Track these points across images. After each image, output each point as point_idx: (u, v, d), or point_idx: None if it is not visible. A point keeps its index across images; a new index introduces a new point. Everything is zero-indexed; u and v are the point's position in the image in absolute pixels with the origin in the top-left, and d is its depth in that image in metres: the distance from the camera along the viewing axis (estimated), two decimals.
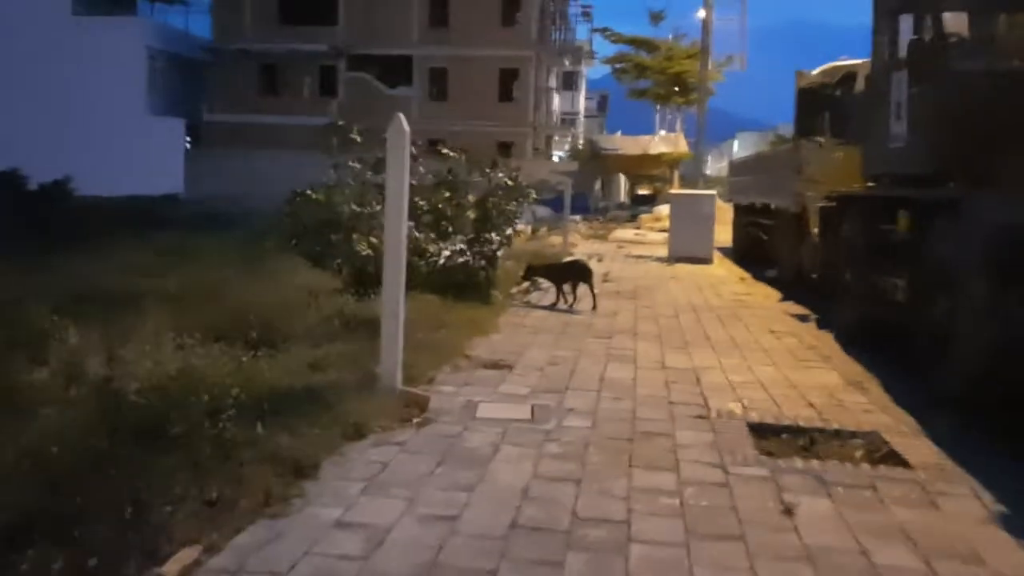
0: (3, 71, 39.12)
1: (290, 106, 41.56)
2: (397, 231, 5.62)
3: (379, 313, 5.84)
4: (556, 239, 20.16)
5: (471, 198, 9.08)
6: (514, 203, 9.59)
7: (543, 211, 28.37)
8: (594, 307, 10.10)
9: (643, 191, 41.99)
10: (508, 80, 42.26)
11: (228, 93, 42.69)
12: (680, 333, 8.99)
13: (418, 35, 42.60)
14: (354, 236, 7.85)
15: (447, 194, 8.98)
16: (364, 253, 7.75)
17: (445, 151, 9.31)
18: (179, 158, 39.05)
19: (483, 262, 9.24)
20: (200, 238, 15.70)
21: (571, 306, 10.23)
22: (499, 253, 9.53)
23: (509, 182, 9.43)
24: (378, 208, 7.86)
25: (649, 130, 49.12)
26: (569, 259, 11.94)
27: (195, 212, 24.01)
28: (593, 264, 15.10)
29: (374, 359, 5.79)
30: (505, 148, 41.02)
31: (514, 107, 42.17)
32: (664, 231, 23.96)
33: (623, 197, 38.81)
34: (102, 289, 8.43)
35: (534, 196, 9.87)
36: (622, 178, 39.69)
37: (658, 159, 37.46)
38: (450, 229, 8.84)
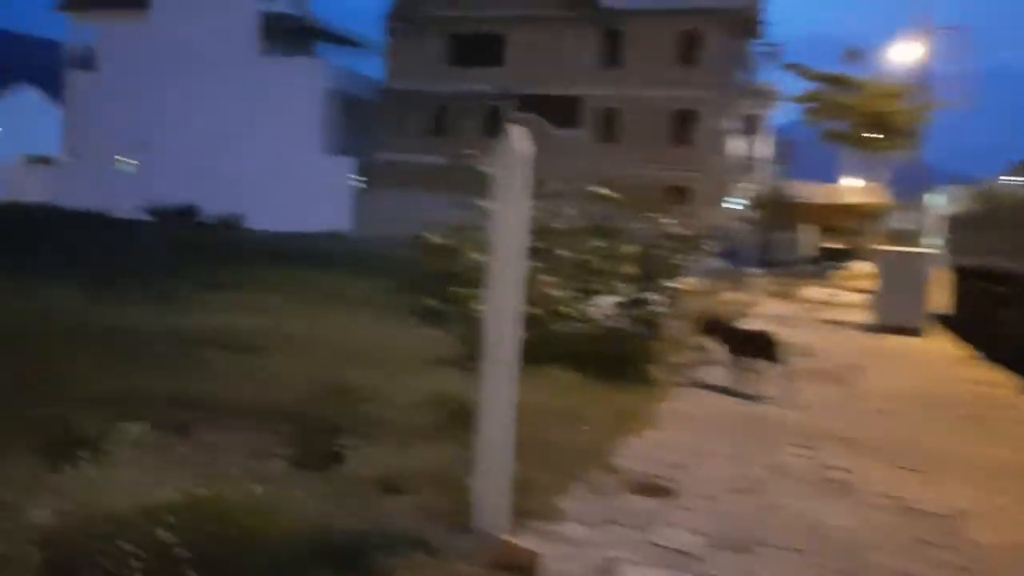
0: (193, 107, 40.88)
1: (456, 147, 40.88)
2: (507, 290, 3.69)
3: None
4: (733, 296, 17.70)
5: (629, 248, 7.03)
6: (682, 255, 7.45)
7: (717, 263, 25.84)
8: (786, 394, 7.75)
9: (832, 245, 38.36)
10: (684, 122, 39.93)
11: (397, 133, 42.71)
12: (911, 443, 6.53)
13: (589, 75, 41.09)
14: (473, 292, 5.97)
15: (598, 243, 6.98)
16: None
17: (601, 191, 7.33)
18: (347, 196, 39.26)
19: (642, 327, 7.14)
20: (340, 278, 14.57)
21: (754, 389, 7.93)
22: (662, 316, 7.41)
23: (680, 230, 7.32)
24: None
25: (834, 180, 45.25)
26: (752, 328, 9.58)
27: (354, 251, 23.28)
28: (778, 329, 12.64)
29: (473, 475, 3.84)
30: (678, 193, 38.62)
31: (689, 150, 39.71)
32: (861, 291, 20.94)
33: (808, 250, 35.44)
34: (190, 331, 7.60)
35: (708, 247, 7.71)
36: (808, 230, 36.34)
37: (852, 210, 33.94)
38: (601, 286, 6.82)
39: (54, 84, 50.15)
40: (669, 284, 7.52)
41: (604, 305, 6.84)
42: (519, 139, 3.55)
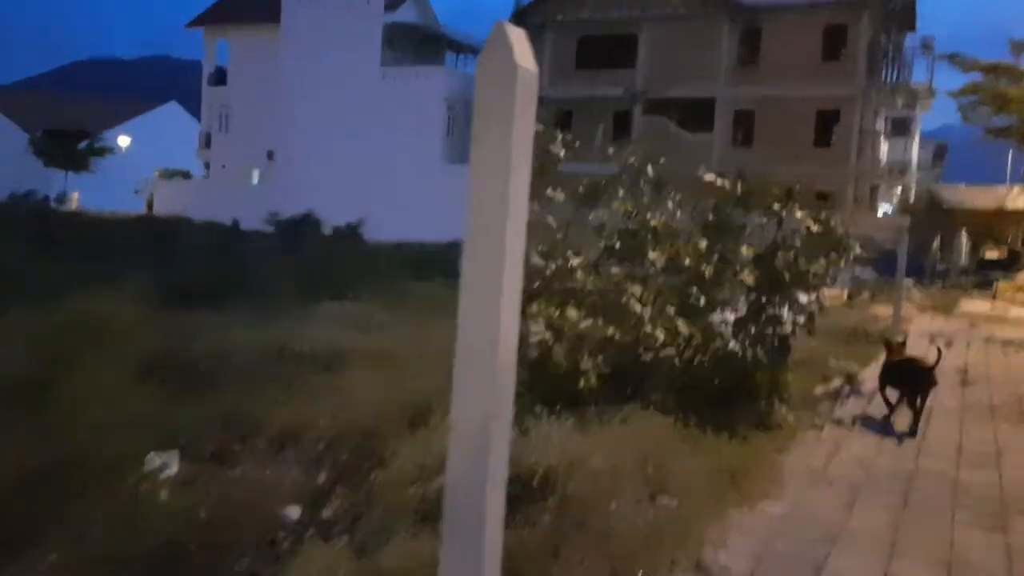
0: (318, 118, 41.17)
1: (583, 153, 39.40)
2: (489, 289, 2.20)
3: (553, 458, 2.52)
4: (882, 310, 15.50)
5: (746, 251, 5.37)
6: (823, 261, 5.72)
7: (865, 273, 23.42)
8: (955, 439, 5.91)
9: (993, 254, 34.70)
10: (826, 122, 37.09)
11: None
12: None
13: (724, 75, 38.83)
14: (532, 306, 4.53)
15: (705, 243, 5.36)
16: (539, 338, 4.39)
17: (709, 178, 5.72)
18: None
19: (764, 352, 5.49)
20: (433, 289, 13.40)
21: (912, 430, 6.15)
22: (792, 336, 5.73)
23: (816, 227, 5.60)
24: (577, 261, 4.53)
25: (995, 183, 41.16)
26: (912, 354, 7.68)
27: None
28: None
29: None
30: (820, 198, 35.89)
31: (832, 152, 36.85)
32: None
33: (967, 260, 32.04)
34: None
35: (857, 251, 5.93)
36: (964, 237, 32.90)
37: (1017, 215, 30.44)
38: (711, 299, 5.22)
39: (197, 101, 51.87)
40: (803, 296, 5.82)
41: (716, 323, 5.23)
42: (519, 46, 2.08)
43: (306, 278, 13.60)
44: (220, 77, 45.25)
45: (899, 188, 45.76)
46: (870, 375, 8.71)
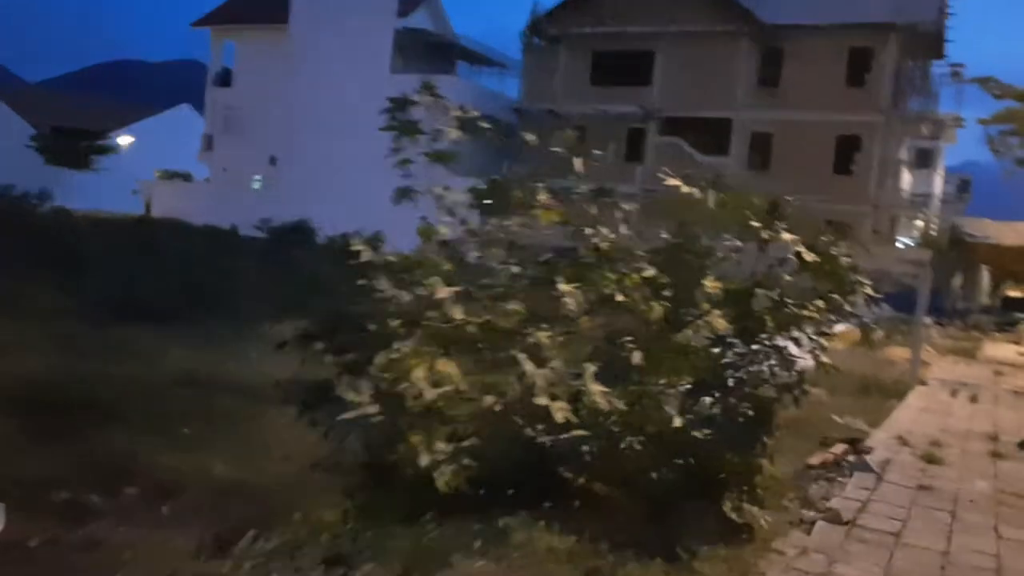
0: (323, 122, 39.97)
1: (594, 171, 37.96)
2: None
3: None
4: (898, 352, 13.95)
5: (711, 285, 3.87)
6: (820, 302, 4.24)
7: (882, 310, 21.83)
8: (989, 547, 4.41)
9: (1016, 293, 32.96)
10: (847, 149, 35.47)
11: (533, 156, 40.17)
12: None
13: (742, 96, 37.35)
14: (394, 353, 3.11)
15: (651, 274, 3.86)
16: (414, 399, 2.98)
17: (674, 183, 4.27)
18: (475, 219, 37.16)
19: (732, 429, 4.03)
20: None
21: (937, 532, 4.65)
22: (772, 399, 4.27)
23: (810, 256, 4.10)
24: (446, 291, 3.11)
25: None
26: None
27: None
28: (965, 407, 9.03)
29: None
30: (837, 229, 34.18)
31: (852, 181, 35.18)
32: None
33: (990, 299, 30.38)
34: None
35: (867, 289, 4.42)
36: (990, 275, 31.25)
37: None
38: (648, 355, 3.72)
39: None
40: (793, 341, 4.35)
41: (660, 391, 3.76)
42: None
43: (279, 292, 12.53)
44: (225, 78, 44.26)
45: (920, 221, 44.09)
46: (882, 438, 7.23)
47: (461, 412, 3.14)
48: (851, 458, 6.46)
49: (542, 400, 3.06)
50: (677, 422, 3.44)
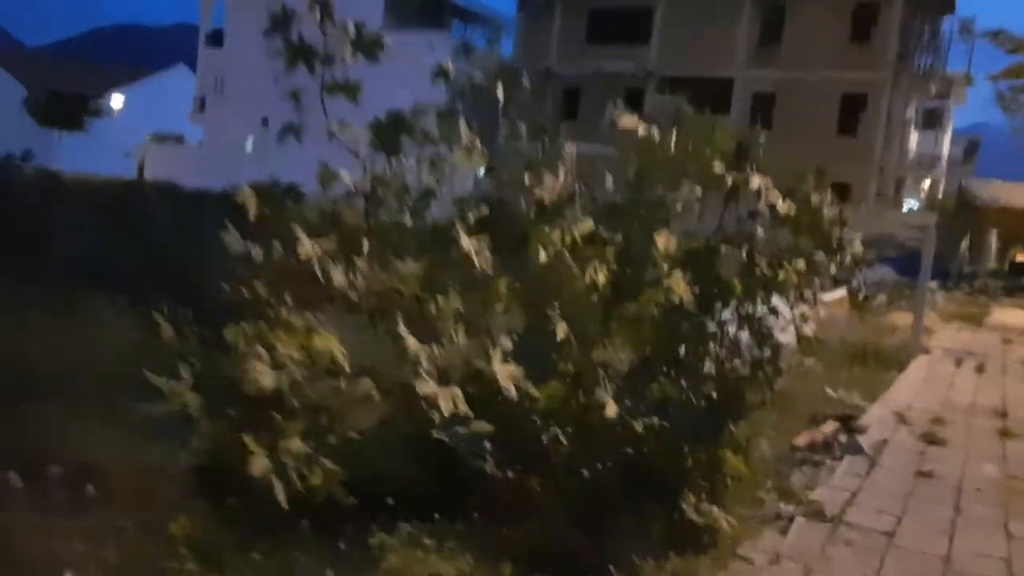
0: (312, 83, 39.02)
1: (590, 133, 37.09)
2: None
3: None
4: (901, 317, 13.25)
5: (664, 244, 3.16)
6: (801, 263, 3.54)
7: (882, 272, 21.11)
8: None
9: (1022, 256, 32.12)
10: (852, 108, 34.50)
11: (526, 117, 39.21)
12: None
13: (744, 55, 36.33)
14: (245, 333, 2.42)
15: (589, 230, 3.15)
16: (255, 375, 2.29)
17: (628, 123, 3.56)
18: (468, 184, 36.46)
19: (697, 412, 3.37)
20: None
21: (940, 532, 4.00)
22: (746, 381, 3.60)
23: (788, 208, 3.38)
24: (310, 246, 2.41)
25: None
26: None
27: None
28: (970, 378, 8.35)
29: None
30: (841, 191, 33.49)
31: (857, 142, 34.27)
32: None
33: (998, 262, 29.53)
34: None
35: (862, 255, 3.70)
36: (999, 238, 30.36)
37: None
38: (580, 327, 3.04)
39: None
40: (770, 310, 3.65)
41: (600, 367, 3.07)
42: None
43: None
44: (217, 38, 43.24)
45: (927, 183, 43.16)
46: (879, 414, 6.56)
47: (327, 402, 2.47)
48: (843, 438, 5.79)
49: (425, 386, 2.38)
50: (610, 411, 2.77)
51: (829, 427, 5.89)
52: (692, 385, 3.40)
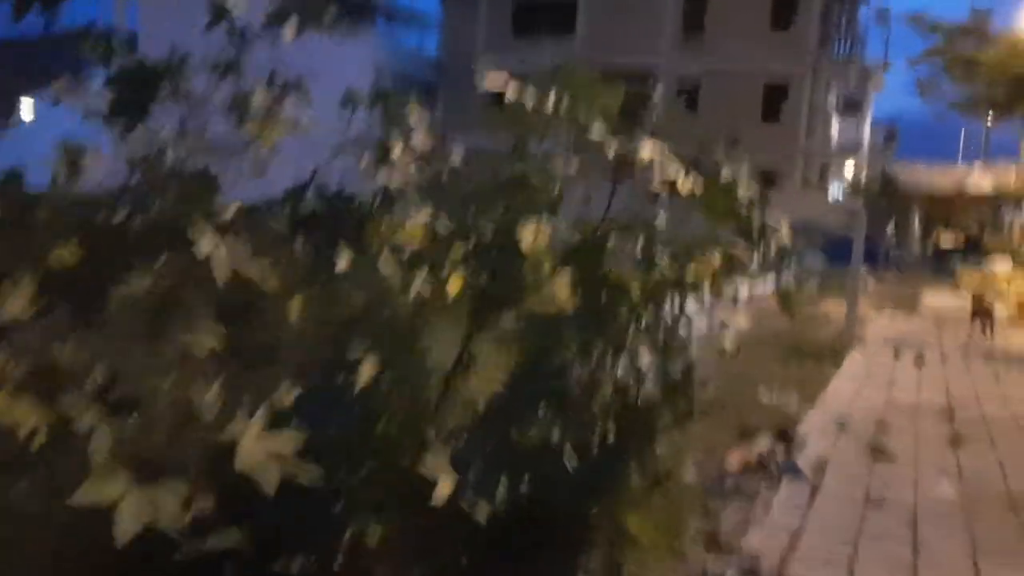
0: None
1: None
2: None
3: None
4: (833, 307, 12.73)
5: (531, 237, 2.34)
6: (716, 256, 2.73)
7: (812, 261, 20.70)
8: None
9: (948, 240, 32.39)
10: (775, 97, 34.39)
11: (457, 113, 38.39)
12: None
13: (667, 44, 35.97)
14: None
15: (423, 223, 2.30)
16: None
17: (495, 81, 2.70)
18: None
19: (589, 459, 2.50)
20: None
21: None
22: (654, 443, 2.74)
23: (689, 186, 2.56)
24: None
25: (951, 164, 38.87)
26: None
27: None
28: (910, 372, 7.73)
29: None
30: (767, 178, 33.35)
31: (781, 130, 34.16)
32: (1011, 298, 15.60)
33: (925, 247, 29.69)
34: None
35: (784, 239, 2.91)
36: (924, 222, 30.55)
37: (978, 197, 28.04)
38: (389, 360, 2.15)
39: None
40: (677, 320, 2.79)
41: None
42: None
43: None
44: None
45: (850, 168, 43.42)
46: (818, 422, 5.84)
47: None
48: (779, 455, 5.04)
49: (100, 487, 1.46)
50: (443, 489, 1.89)
51: (763, 442, 5.13)
52: (579, 423, 2.54)
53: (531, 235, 2.34)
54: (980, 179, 28.22)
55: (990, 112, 25.35)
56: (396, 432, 1.93)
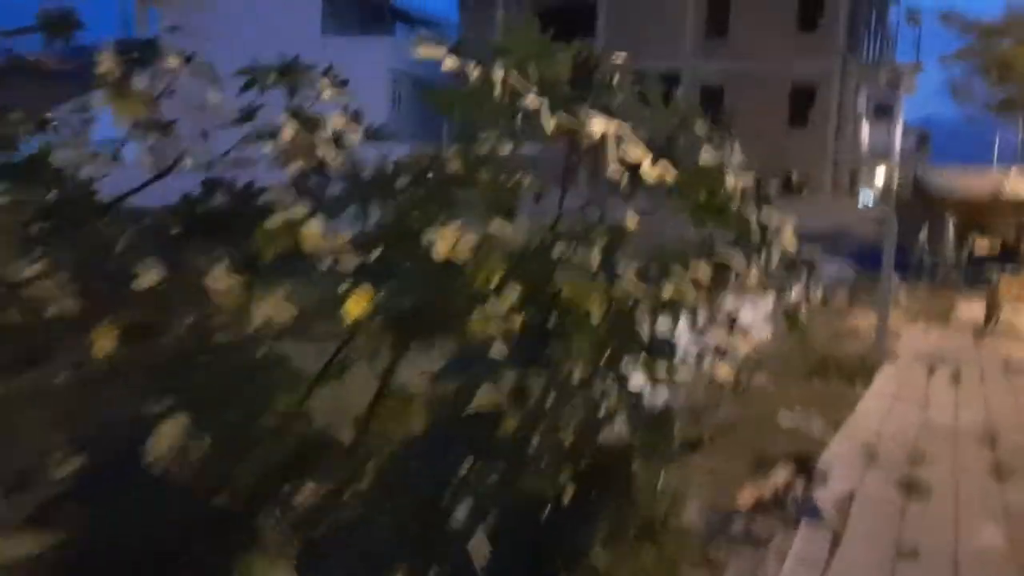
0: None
1: (527, 132, 35.84)
2: None
3: None
4: (862, 319, 12.10)
5: (447, 242, 1.78)
6: (702, 266, 2.16)
7: (837, 267, 20.01)
8: None
9: (983, 247, 31.29)
10: (803, 100, 33.56)
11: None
12: None
13: (690, 47, 35.26)
14: None
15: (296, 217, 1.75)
16: None
17: (431, 50, 2.17)
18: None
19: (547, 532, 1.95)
20: None
21: None
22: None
23: (656, 173, 1.99)
24: None
25: (988, 168, 37.79)
26: None
27: None
28: (946, 390, 7.05)
29: None
30: (796, 186, 32.62)
31: (809, 134, 33.38)
32: None
33: (960, 254, 28.67)
34: None
35: (790, 247, 2.32)
36: (959, 229, 29.52)
37: (1016, 202, 27.02)
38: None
39: None
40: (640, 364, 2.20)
41: None
42: None
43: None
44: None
45: (882, 173, 42.42)
46: (843, 451, 5.22)
47: None
48: (798, 489, 4.43)
49: None
50: None
51: (781, 474, 4.53)
52: (530, 475, 1.99)
53: (449, 240, 1.77)
54: (1016, 183, 27.22)
55: None
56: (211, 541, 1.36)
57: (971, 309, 15.79)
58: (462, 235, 1.79)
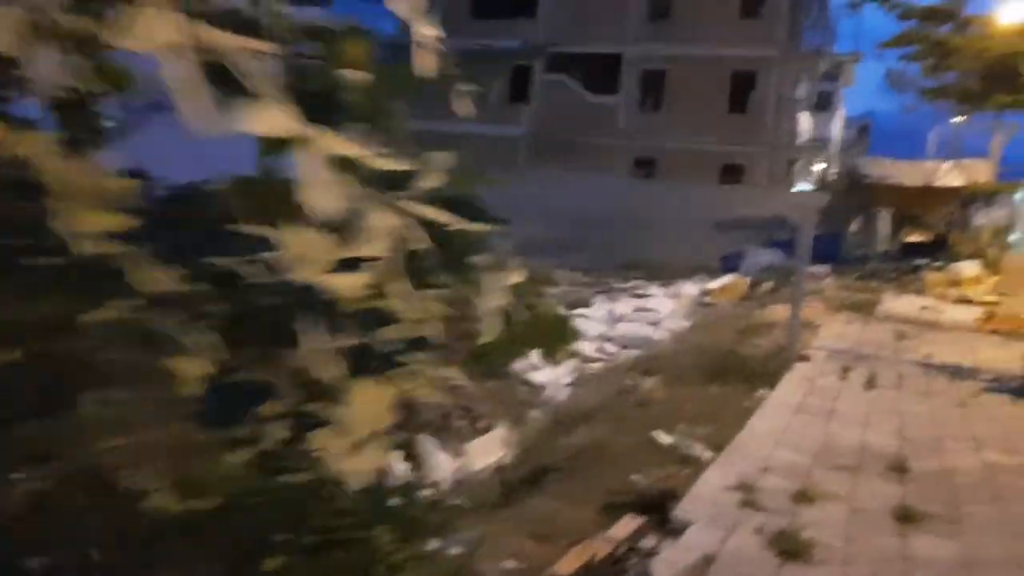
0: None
1: (476, 113, 34.70)
2: None
3: None
4: (783, 310, 11.33)
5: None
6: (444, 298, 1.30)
7: (769, 256, 19.45)
8: None
9: (916, 237, 31.06)
10: (743, 86, 33.03)
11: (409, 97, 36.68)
12: None
13: (633, 30, 34.44)
14: None
15: None
16: None
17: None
18: None
19: None
20: None
21: None
22: None
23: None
24: None
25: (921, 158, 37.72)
26: None
27: None
28: (858, 398, 6.27)
29: None
30: (733, 172, 32.10)
31: (748, 120, 32.90)
32: (972, 304, 14.32)
33: (889, 244, 28.37)
34: None
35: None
36: (889, 218, 29.23)
37: (947, 194, 26.75)
38: None
39: None
40: None
41: None
42: None
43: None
44: None
45: (820, 163, 42.18)
46: (715, 487, 4.37)
47: None
48: (649, 543, 3.55)
49: None
50: None
51: (625, 526, 3.64)
52: None
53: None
54: (950, 174, 26.97)
55: (961, 104, 24.06)
56: None
57: (897, 302, 15.24)
58: None
